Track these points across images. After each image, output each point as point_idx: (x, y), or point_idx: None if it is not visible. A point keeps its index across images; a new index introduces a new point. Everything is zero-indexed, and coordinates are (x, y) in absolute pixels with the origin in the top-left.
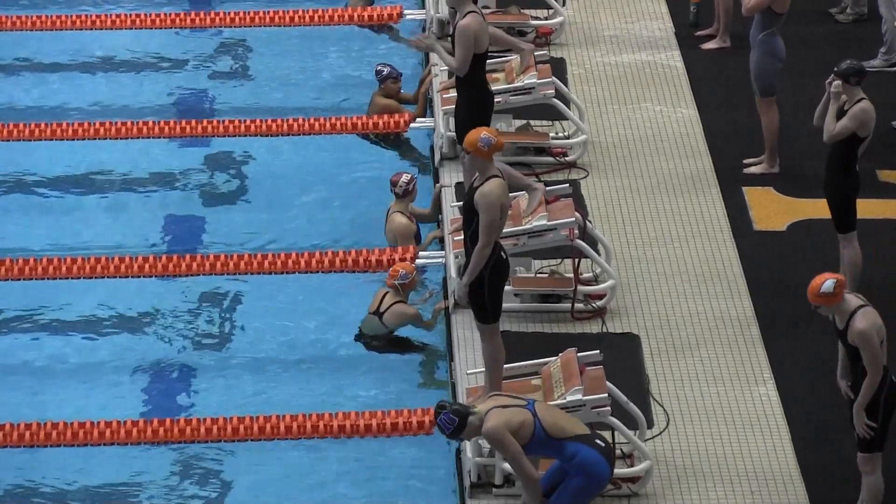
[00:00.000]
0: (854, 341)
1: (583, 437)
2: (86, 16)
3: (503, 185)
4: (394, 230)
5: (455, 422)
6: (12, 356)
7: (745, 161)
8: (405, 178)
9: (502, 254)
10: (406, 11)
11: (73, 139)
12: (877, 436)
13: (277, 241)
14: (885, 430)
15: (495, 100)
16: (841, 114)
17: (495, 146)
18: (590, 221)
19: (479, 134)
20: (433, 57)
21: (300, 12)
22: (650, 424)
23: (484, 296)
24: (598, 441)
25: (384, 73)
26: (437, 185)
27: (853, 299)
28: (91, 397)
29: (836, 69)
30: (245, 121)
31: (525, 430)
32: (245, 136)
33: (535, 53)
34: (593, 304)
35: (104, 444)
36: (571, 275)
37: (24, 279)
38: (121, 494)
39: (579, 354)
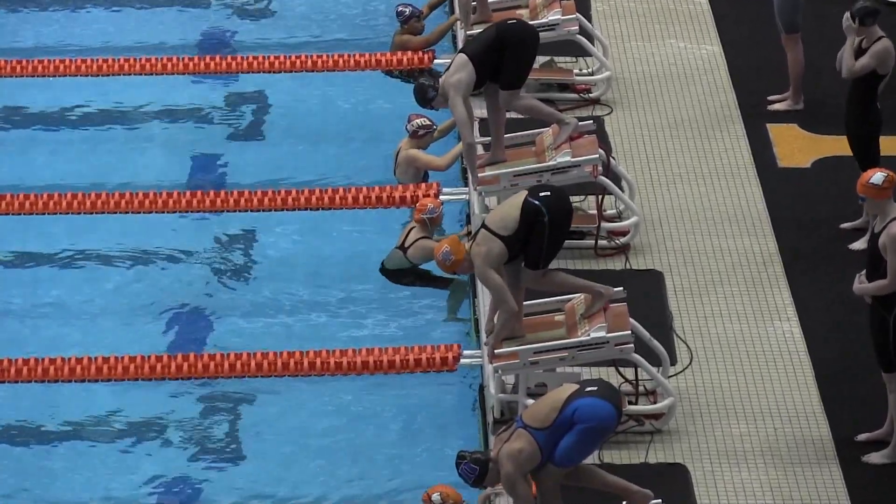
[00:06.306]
0: (884, 244)
1: (571, 395)
2: None
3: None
4: (402, 161)
5: (476, 471)
6: (38, 291)
7: (770, 98)
8: (420, 121)
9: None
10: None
11: (98, 75)
12: (895, 356)
13: (302, 178)
14: None
15: None
16: (860, 52)
17: (455, 250)
18: (613, 158)
19: (438, 256)
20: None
21: None
22: (673, 361)
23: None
24: (589, 388)
25: (406, 13)
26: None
27: None
28: (115, 332)
29: (849, 11)
30: (269, 57)
31: (533, 448)
32: (269, 72)
33: None
34: (617, 241)
35: (129, 380)
36: (595, 211)
37: (48, 213)
38: (145, 429)
39: None
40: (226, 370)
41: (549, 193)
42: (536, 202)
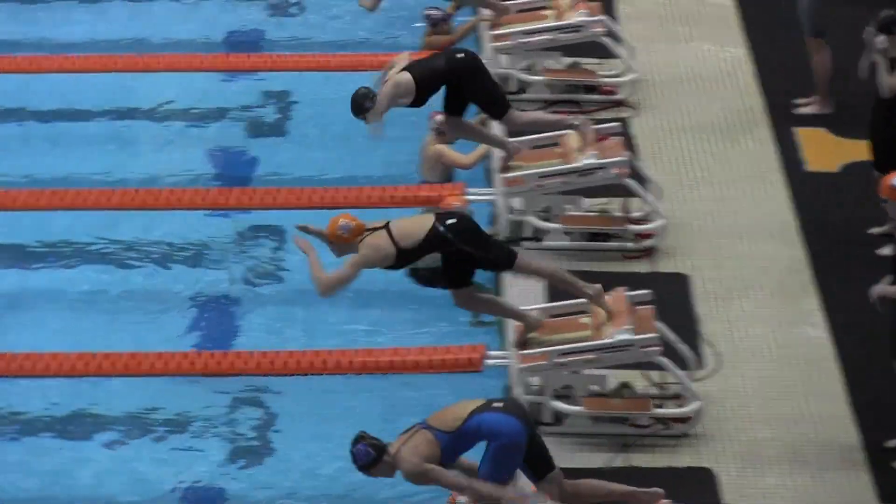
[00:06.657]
0: None
1: (477, 409)
2: None
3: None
4: (429, 158)
5: (370, 456)
6: (60, 286)
7: (797, 101)
8: (442, 117)
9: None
10: None
11: (123, 71)
12: None
13: (327, 176)
14: None
15: (545, 37)
16: (892, 63)
17: (355, 230)
18: (639, 160)
19: (338, 222)
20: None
21: None
22: (700, 365)
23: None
24: (495, 404)
25: (437, 16)
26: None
27: None
28: (138, 330)
29: (876, 24)
30: (294, 55)
31: (434, 447)
32: (294, 70)
33: None
34: (643, 244)
35: (153, 376)
36: (621, 214)
37: (74, 209)
38: (167, 426)
39: (629, 293)
40: (251, 368)
41: (454, 220)
42: (442, 229)
